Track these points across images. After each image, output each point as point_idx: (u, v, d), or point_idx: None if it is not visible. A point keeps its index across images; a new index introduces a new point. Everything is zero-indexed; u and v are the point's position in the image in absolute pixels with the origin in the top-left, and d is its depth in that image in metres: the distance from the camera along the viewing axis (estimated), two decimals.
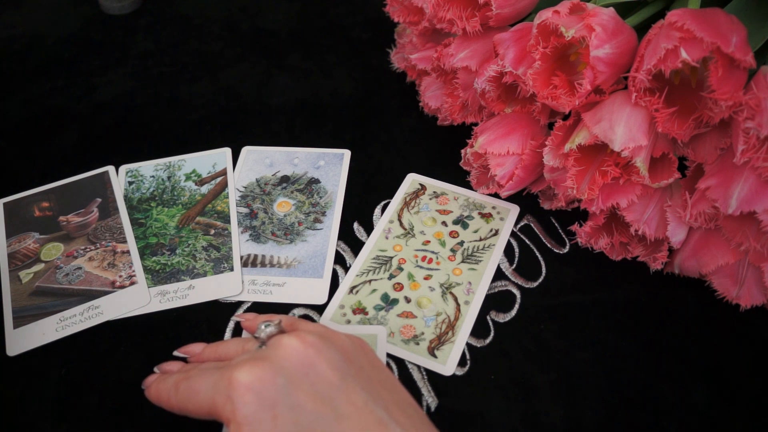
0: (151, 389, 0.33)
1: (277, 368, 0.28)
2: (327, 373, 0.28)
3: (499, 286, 0.41)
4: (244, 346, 0.32)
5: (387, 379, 0.31)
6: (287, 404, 0.27)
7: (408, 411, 0.29)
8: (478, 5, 0.41)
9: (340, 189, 0.48)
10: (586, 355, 0.38)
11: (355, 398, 0.28)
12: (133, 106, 0.55)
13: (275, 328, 0.32)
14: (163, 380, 0.32)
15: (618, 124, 0.35)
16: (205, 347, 0.35)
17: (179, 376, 0.31)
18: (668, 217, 0.37)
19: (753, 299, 0.37)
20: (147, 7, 0.68)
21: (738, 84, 0.31)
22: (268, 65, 0.59)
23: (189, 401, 0.30)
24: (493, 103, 0.43)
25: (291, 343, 0.29)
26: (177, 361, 0.36)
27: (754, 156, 0.31)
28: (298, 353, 0.28)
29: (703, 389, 0.36)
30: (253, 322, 0.36)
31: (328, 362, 0.29)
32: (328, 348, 0.29)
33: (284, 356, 0.28)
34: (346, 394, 0.28)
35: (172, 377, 0.32)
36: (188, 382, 0.30)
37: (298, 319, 0.34)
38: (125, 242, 0.44)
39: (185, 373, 0.31)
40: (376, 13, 0.65)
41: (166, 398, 0.31)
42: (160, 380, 0.32)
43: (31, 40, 0.63)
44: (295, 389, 0.27)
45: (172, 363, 0.35)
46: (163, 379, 0.32)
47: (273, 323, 0.32)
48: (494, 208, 0.46)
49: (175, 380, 0.31)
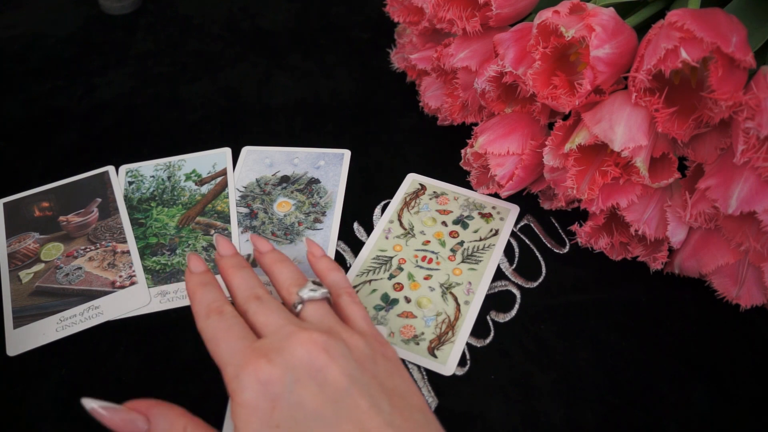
0: (189, 284, 0.34)
1: (288, 366, 0.28)
2: (336, 377, 0.28)
3: (499, 286, 0.41)
4: (290, 289, 0.34)
5: (401, 386, 0.31)
6: (289, 400, 0.28)
7: (415, 417, 0.29)
8: (478, 5, 0.41)
9: (340, 189, 0.48)
10: (586, 355, 0.38)
11: (360, 402, 0.28)
12: (133, 106, 0.55)
13: (319, 294, 0.33)
14: (203, 289, 0.33)
15: (618, 124, 0.35)
16: (269, 253, 0.36)
17: (217, 303, 0.32)
18: (668, 217, 0.37)
19: (753, 299, 0.37)
20: (147, 7, 0.68)
21: (738, 84, 0.31)
22: (268, 65, 0.59)
23: (208, 341, 0.31)
24: (493, 103, 0.43)
25: (306, 344, 0.29)
26: (229, 245, 0.37)
27: (754, 156, 0.31)
28: (309, 356, 0.29)
29: (703, 389, 0.36)
30: (314, 262, 0.37)
31: (339, 368, 0.29)
32: (342, 354, 0.29)
33: (297, 356, 0.29)
34: (352, 398, 0.28)
35: (212, 294, 0.32)
36: (219, 323, 0.31)
37: (347, 297, 0.35)
38: (125, 242, 0.44)
39: (223, 305, 0.32)
40: (376, 13, 0.65)
41: (195, 310, 0.32)
42: (201, 285, 0.33)
43: (31, 40, 0.63)
44: (300, 388, 0.28)
45: (224, 244, 0.36)
46: (204, 288, 0.33)
47: (319, 290, 0.33)
48: (494, 208, 0.46)
49: (210, 303, 0.32)
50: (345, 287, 0.35)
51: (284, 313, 0.32)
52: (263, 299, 0.32)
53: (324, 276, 0.36)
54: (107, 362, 0.38)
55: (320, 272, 0.37)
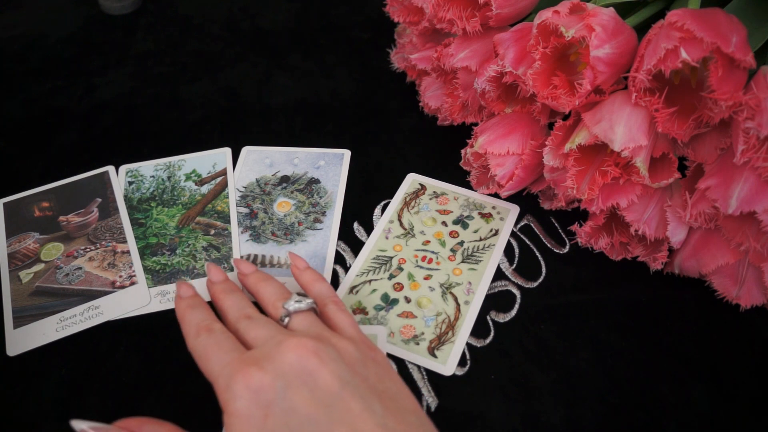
0: (179, 308, 0.34)
1: (278, 373, 0.28)
2: (327, 381, 0.28)
3: (499, 286, 0.41)
4: (275, 304, 0.34)
5: (393, 388, 0.31)
6: (281, 407, 0.28)
7: (409, 419, 0.29)
8: (478, 5, 0.41)
9: (340, 189, 0.48)
10: (586, 355, 0.38)
11: (352, 405, 0.28)
12: (133, 106, 0.55)
13: (305, 305, 0.33)
14: (192, 311, 0.33)
15: (618, 124, 0.35)
16: (252, 274, 0.37)
17: (206, 322, 0.32)
18: (668, 217, 0.37)
19: (753, 299, 0.37)
20: (147, 7, 0.68)
21: (738, 84, 0.31)
22: (268, 65, 0.59)
23: (199, 358, 0.31)
24: (493, 103, 0.43)
25: (296, 349, 0.29)
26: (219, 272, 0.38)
27: (754, 156, 0.31)
28: (300, 360, 0.29)
29: (703, 389, 0.36)
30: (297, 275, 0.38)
31: (330, 372, 0.29)
32: (332, 359, 0.30)
33: (288, 361, 0.29)
34: (344, 401, 0.28)
35: (201, 314, 0.33)
36: (208, 339, 0.31)
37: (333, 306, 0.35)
38: (125, 242, 0.44)
39: (212, 323, 0.32)
40: (376, 13, 0.65)
41: (185, 331, 0.33)
42: (190, 308, 0.34)
43: (31, 40, 0.63)
44: (292, 393, 0.28)
45: (215, 271, 0.37)
46: (193, 310, 0.33)
47: (305, 301, 0.34)
48: (494, 208, 0.46)
49: (200, 323, 0.32)
50: (330, 296, 0.36)
51: (274, 326, 0.32)
52: (253, 317, 0.33)
53: (309, 288, 0.37)
54: (107, 362, 0.38)
55: (305, 284, 0.37)
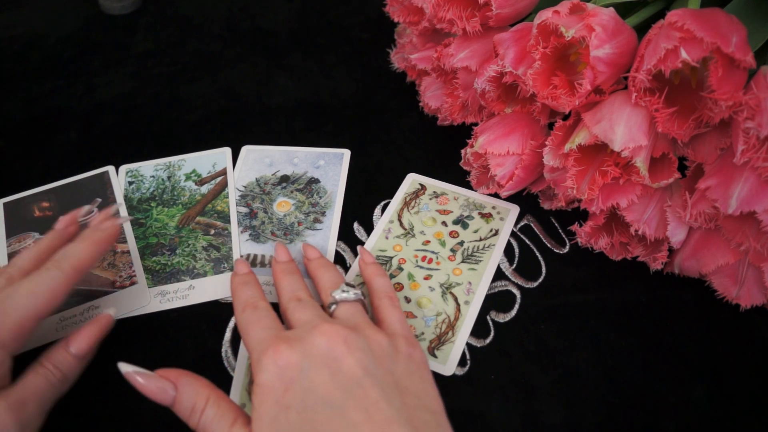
0: (233, 284, 0.37)
1: (305, 354, 0.30)
2: (351, 368, 0.30)
3: (499, 286, 0.41)
4: (327, 291, 0.36)
5: (419, 387, 0.31)
6: (301, 384, 0.29)
7: (425, 417, 0.30)
8: (478, 5, 0.41)
9: (340, 189, 0.48)
10: (586, 355, 0.38)
11: (371, 393, 0.29)
12: (133, 106, 0.55)
13: (352, 296, 0.35)
14: (243, 287, 0.36)
15: (618, 124, 0.35)
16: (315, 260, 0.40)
17: (253, 299, 0.35)
18: (668, 217, 0.37)
19: (753, 299, 0.37)
20: (147, 7, 0.68)
21: (738, 84, 0.31)
22: (268, 65, 0.59)
23: (242, 331, 0.34)
24: (493, 103, 0.43)
25: (327, 334, 0.31)
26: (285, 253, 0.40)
27: (754, 156, 0.31)
28: (328, 345, 0.30)
29: (703, 389, 0.36)
30: (363, 268, 0.40)
31: (355, 360, 0.30)
32: (360, 348, 0.31)
33: (317, 345, 0.30)
34: (363, 389, 0.29)
35: (250, 291, 0.36)
36: (252, 315, 0.34)
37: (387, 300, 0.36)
38: (125, 242, 0.44)
39: (258, 301, 0.35)
40: (376, 13, 0.65)
41: (234, 305, 0.36)
42: (243, 284, 0.37)
43: (31, 40, 0.63)
44: (314, 374, 0.29)
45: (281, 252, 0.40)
46: (245, 286, 0.36)
47: (351, 291, 0.35)
48: (494, 208, 0.46)
49: (247, 299, 0.35)
50: (387, 292, 0.37)
51: (317, 312, 0.34)
52: (303, 300, 0.35)
53: (370, 281, 0.38)
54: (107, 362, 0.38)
55: (368, 277, 0.39)
